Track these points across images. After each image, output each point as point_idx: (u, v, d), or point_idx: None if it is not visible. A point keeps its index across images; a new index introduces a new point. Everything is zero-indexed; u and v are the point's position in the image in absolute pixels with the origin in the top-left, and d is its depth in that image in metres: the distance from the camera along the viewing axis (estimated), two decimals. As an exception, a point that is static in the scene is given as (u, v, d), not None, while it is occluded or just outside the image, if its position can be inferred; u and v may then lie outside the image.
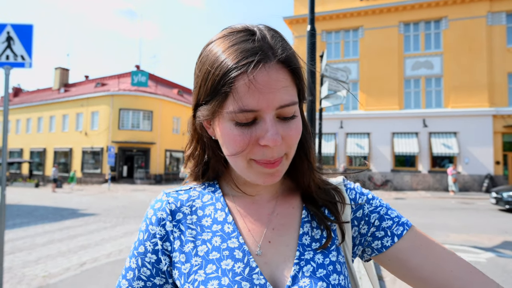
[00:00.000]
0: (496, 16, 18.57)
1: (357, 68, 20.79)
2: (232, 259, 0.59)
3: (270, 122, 0.54)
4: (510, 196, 11.10)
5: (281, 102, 0.54)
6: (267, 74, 0.53)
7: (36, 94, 37.12)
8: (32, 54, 3.43)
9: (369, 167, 19.20)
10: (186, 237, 0.62)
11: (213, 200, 0.67)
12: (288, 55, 0.56)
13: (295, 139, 0.58)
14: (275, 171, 0.58)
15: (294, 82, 0.57)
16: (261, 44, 0.54)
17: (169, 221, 0.63)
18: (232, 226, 0.63)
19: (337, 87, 6.90)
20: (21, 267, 5.20)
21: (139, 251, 0.63)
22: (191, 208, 0.65)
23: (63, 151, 29.12)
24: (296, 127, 0.58)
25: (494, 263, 5.40)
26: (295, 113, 0.57)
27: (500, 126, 17.92)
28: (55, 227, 8.46)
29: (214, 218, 0.64)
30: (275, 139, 0.53)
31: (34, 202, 14.42)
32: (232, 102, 0.53)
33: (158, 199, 0.67)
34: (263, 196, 0.67)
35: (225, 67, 0.54)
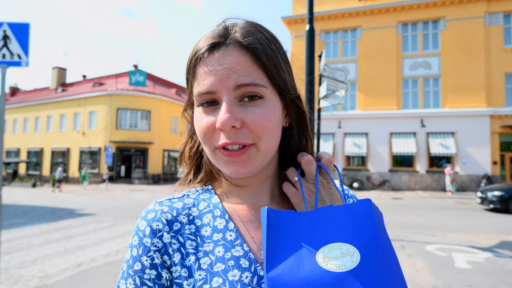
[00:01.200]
0: (493, 16, 18.64)
1: (355, 68, 20.81)
2: (238, 269, 0.55)
3: (225, 104, 0.53)
4: (494, 196, 11.20)
5: (237, 82, 0.53)
6: (223, 55, 0.54)
7: (34, 93, 36.95)
8: (28, 53, 3.41)
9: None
10: (187, 249, 0.57)
11: (210, 207, 0.62)
12: (246, 36, 0.55)
13: (261, 127, 0.54)
14: (239, 160, 0.55)
15: (258, 66, 0.55)
16: (221, 31, 0.57)
17: (167, 232, 0.58)
18: (235, 233, 0.59)
19: (336, 87, 6.90)
20: (18, 267, 5.16)
21: (136, 269, 0.56)
22: (188, 217, 0.60)
23: (61, 151, 29.01)
24: (263, 113, 0.54)
25: (492, 263, 5.41)
26: (262, 98, 0.55)
27: (497, 126, 17.98)
28: (52, 227, 8.41)
29: (213, 227, 0.60)
30: (224, 120, 0.52)
31: (31, 202, 14.35)
32: (195, 86, 0.57)
33: (150, 209, 0.60)
34: (262, 200, 0.64)
35: (191, 56, 0.58)
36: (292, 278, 0.46)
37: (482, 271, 5.00)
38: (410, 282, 4.55)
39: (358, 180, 19.44)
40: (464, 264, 5.37)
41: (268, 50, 0.56)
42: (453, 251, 6.14)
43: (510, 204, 10.88)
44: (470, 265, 5.28)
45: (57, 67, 34.28)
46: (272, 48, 0.57)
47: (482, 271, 5.02)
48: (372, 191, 18.93)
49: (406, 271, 4.99)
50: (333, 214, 0.52)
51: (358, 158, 20.49)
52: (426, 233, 7.67)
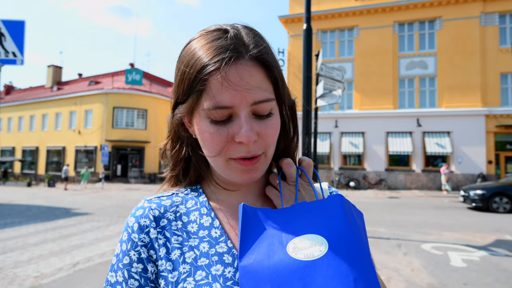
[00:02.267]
0: (489, 16, 18.76)
1: (352, 67, 20.86)
2: (221, 264, 0.58)
3: (244, 119, 0.55)
4: (476, 195, 11.38)
5: (255, 98, 0.55)
6: (240, 70, 0.54)
7: (29, 92, 36.68)
8: (24, 50, 3.39)
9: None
10: (172, 244, 0.60)
11: (197, 205, 0.65)
12: (260, 51, 0.57)
13: (272, 137, 0.58)
14: (253, 168, 0.58)
15: (269, 79, 0.58)
16: (234, 41, 0.56)
17: (153, 228, 0.60)
18: (220, 230, 0.61)
19: (333, 86, 6.91)
20: (13, 267, 5.12)
21: (124, 263, 0.59)
22: (176, 214, 0.63)
23: (56, 149, 28.83)
24: (273, 124, 0.58)
25: (487, 261, 5.45)
26: (272, 111, 0.58)
27: (492, 125, 18.12)
28: (48, 227, 8.35)
29: (200, 224, 0.62)
30: (249, 136, 0.54)
31: (26, 201, 14.25)
32: (206, 99, 0.55)
33: (139, 207, 0.64)
34: (248, 199, 0.66)
35: (199, 65, 0.55)
36: (263, 267, 0.48)
37: (477, 270, 5.03)
38: (406, 280, 4.58)
39: (355, 179, 19.51)
40: (460, 262, 5.40)
41: (275, 62, 0.59)
42: (449, 249, 6.18)
43: (491, 203, 11.09)
44: (466, 264, 5.32)
45: (52, 65, 34.04)
46: (275, 58, 0.60)
47: (477, 269, 5.05)
48: (368, 190, 19.00)
49: (402, 270, 5.01)
50: (306, 209, 0.55)
51: (354, 157, 20.56)
52: (422, 232, 7.72)
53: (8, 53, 3.15)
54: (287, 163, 0.63)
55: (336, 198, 0.55)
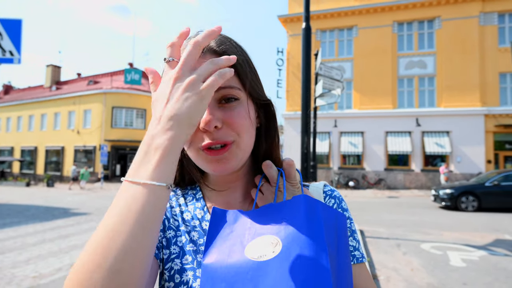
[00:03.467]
0: (488, 16, 18.77)
1: (351, 67, 20.85)
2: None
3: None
4: (445, 194, 11.60)
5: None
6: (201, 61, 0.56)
7: (27, 91, 36.58)
8: (21, 49, 3.36)
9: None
10: (169, 224, 0.66)
11: (194, 200, 0.71)
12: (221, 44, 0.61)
13: (239, 125, 0.59)
14: (221, 157, 0.59)
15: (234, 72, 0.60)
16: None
17: None
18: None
19: (332, 86, 6.90)
20: (11, 267, 5.10)
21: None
22: (176, 202, 0.70)
23: (55, 149, 28.77)
24: (239, 112, 0.60)
25: (487, 261, 5.45)
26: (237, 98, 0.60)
27: (491, 125, 18.13)
28: (47, 227, 8.33)
29: (194, 214, 0.68)
30: (208, 121, 0.56)
31: (25, 201, 14.21)
32: None
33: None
34: (237, 197, 0.70)
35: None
36: (221, 266, 0.50)
37: (476, 269, 5.03)
38: (405, 280, 4.57)
39: (354, 179, 19.51)
40: (459, 262, 5.40)
41: (241, 57, 0.62)
42: (448, 249, 6.18)
43: (459, 202, 11.30)
44: (465, 263, 5.32)
45: (51, 65, 33.95)
46: (242, 55, 0.63)
47: (476, 269, 5.05)
48: (367, 189, 19.00)
49: (401, 270, 5.01)
50: (271, 211, 0.56)
51: (353, 157, 20.55)
52: (421, 232, 7.71)
53: (5, 52, 3.13)
54: (266, 165, 0.65)
55: (299, 199, 0.55)
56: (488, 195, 11.19)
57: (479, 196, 11.19)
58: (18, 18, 3.31)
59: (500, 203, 11.11)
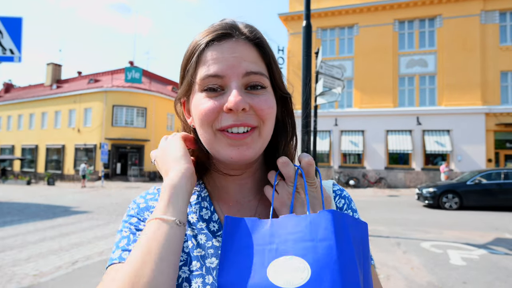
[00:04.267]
0: (489, 14, 18.71)
1: (352, 65, 20.82)
2: (217, 258, 0.58)
3: (235, 88, 0.56)
4: (428, 192, 11.73)
5: (247, 68, 0.56)
6: (234, 44, 0.57)
7: (28, 90, 36.60)
8: (21, 48, 3.35)
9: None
10: None
11: (199, 199, 0.67)
12: (253, 33, 0.60)
13: (265, 112, 0.58)
14: (242, 143, 0.56)
15: (262, 60, 0.60)
16: (230, 25, 0.60)
17: None
18: (218, 225, 0.63)
19: (332, 84, 6.89)
20: (12, 265, 5.11)
21: (131, 222, 0.62)
22: None
23: (56, 148, 28.79)
24: (266, 99, 0.58)
25: (487, 260, 5.45)
26: (265, 86, 0.59)
27: (492, 124, 18.10)
28: (47, 225, 8.34)
29: (199, 216, 0.64)
30: (237, 102, 0.54)
31: (26, 199, 14.24)
32: (200, 71, 0.58)
33: (149, 192, 0.68)
34: (247, 195, 0.67)
35: (195, 42, 0.60)
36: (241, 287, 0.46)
37: (477, 268, 5.03)
38: (405, 279, 4.57)
39: (354, 178, 19.50)
40: (459, 261, 5.40)
41: (269, 47, 0.62)
42: (448, 248, 6.18)
43: (441, 200, 11.44)
44: (465, 262, 5.32)
45: (52, 63, 33.96)
46: (271, 48, 0.63)
47: (477, 267, 5.05)
48: (368, 188, 19.00)
49: (401, 268, 5.01)
50: (293, 225, 0.50)
51: (354, 155, 20.54)
52: (422, 230, 7.71)
53: (5, 50, 3.13)
54: (283, 162, 0.59)
55: (327, 215, 0.49)
56: (469, 193, 11.35)
57: (460, 194, 11.34)
58: (18, 16, 3.32)
59: (481, 201, 11.27)
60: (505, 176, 11.55)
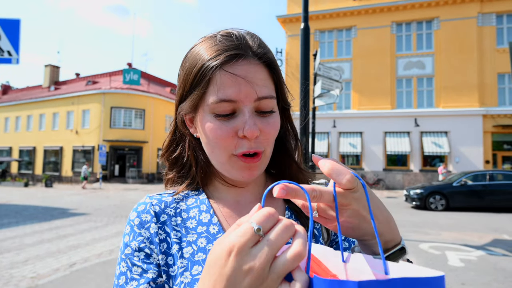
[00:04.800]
0: (486, 17, 18.82)
1: (350, 67, 20.88)
2: None
3: (248, 114, 0.56)
4: (416, 194, 11.86)
5: (260, 94, 0.57)
6: (246, 66, 0.57)
7: (26, 91, 36.50)
8: (19, 49, 3.34)
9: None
10: (172, 239, 0.62)
11: (197, 203, 0.66)
12: (265, 52, 0.60)
13: (272, 135, 0.60)
14: (254, 165, 0.59)
15: (272, 79, 0.60)
16: (240, 42, 0.58)
17: (154, 223, 0.63)
18: (218, 227, 0.63)
19: (330, 86, 6.91)
20: (9, 268, 5.09)
21: (126, 253, 0.61)
22: (176, 210, 0.65)
23: (54, 149, 28.70)
24: (274, 122, 0.60)
25: (485, 261, 5.46)
26: (273, 109, 0.60)
27: (489, 125, 18.18)
28: (45, 227, 8.31)
29: (199, 220, 0.64)
30: (252, 130, 0.55)
31: (23, 201, 14.17)
32: (211, 93, 0.57)
33: (141, 202, 0.66)
34: (247, 198, 0.67)
35: (205, 60, 0.57)
36: None
37: (475, 269, 5.04)
38: (404, 280, 4.57)
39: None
40: (457, 262, 5.41)
41: (277, 65, 0.62)
42: (447, 249, 6.19)
43: (428, 201, 11.55)
44: (463, 263, 5.33)
45: (49, 65, 33.89)
46: (277, 63, 0.63)
47: (475, 269, 5.06)
48: (366, 190, 19.00)
49: (400, 270, 5.01)
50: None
51: (352, 157, 20.57)
52: (420, 232, 7.72)
53: (3, 52, 3.12)
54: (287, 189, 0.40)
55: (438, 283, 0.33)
56: (455, 194, 11.49)
57: (446, 196, 11.47)
58: (16, 18, 3.32)
59: (467, 203, 11.39)
60: (491, 177, 11.72)
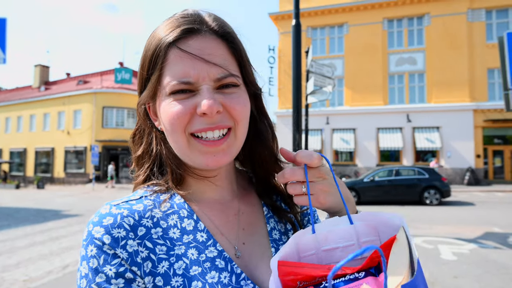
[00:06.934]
0: (476, 12, 19.02)
1: (342, 64, 20.96)
2: (216, 270, 0.53)
3: (207, 91, 0.52)
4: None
5: (217, 75, 0.53)
6: (200, 42, 0.53)
7: (15, 92, 35.92)
8: (5, 49, 3.28)
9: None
10: (158, 255, 0.52)
11: (174, 208, 0.57)
12: (222, 26, 0.56)
13: (239, 111, 0.55)
14: (218, 150, 0.54)
15: (233, 55, 0.56)
16: (194, 18, 0.55)
17: (132, 239, 0.51)
18: (206, 234, 0.56)
19: (323, 83, 6.92)
20: (1, 271, 5.01)
21: (99, 282, 0.47)
22: (153, 220, 0.54)
23: (45, 150, 28.34)
24: (238, 97, 0.55)
25: (477, 254, 5.54)
26: (237, 85, 0.56)
27: (480, 120, 18.41)
28: (37, 229, 8.21)
29: (182, 228, 0.55)
30: (211, 105, 0.50)
31: (15, 204, 13.98)
32: (167, 75, 0.53)
33: (105, 214, 0.52)
34: (225, 196, 0.63)
35: (156, 41, 0.54)
36: None
37: (467, 262, 5.10)
38: (398, 275, 4.61)
39: (346, 175, 19.63)
40: (450, 255, 5.47)
41: (239, 42, 0.58)
42: (439, 243, 6.26)
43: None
44: (456, 257, 5.39)
45: (39, 65, 33.39)
46: (239, 40, 0.58)
47: (467, 262, 5.13)
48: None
49: (394, 264, 5.05)
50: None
51: (346, 153, 20.69)
52: (413, 226, 7.80)
53: (-11, 51, 3.07)
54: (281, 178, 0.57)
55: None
56: (365, 189, 12.09)
57: (358, 191, 12.00)
58: (2, 17, 3.25)
59: (375, 197, 12.00)
60: (396, 173, 12.38)
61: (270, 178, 0.67)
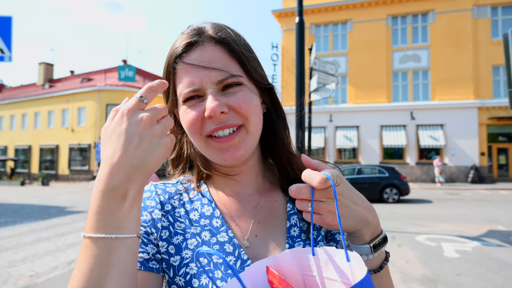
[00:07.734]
0: (481, 9, 18.83)
1: (346, 61, 20.86)
2: (223, 253, 0.60)
3: (210, 94, 0.58)
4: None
5: (217, 78, 0.58)
6: (200, 52, 0.59)
7: (20, 90, 36.14)
8: (11, 47, 3.31)
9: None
10: (175, 229, 0.63)
11: (199, 196, 0.68)
12: (220, 33, 0.61)
13: (244, 108, 0.59)
14: (232, 145, 0.59)
15: (234, 58, 0.61)
16: (194, 31, 0.62)
17: (158, 209, 0.64)
18: (221, 220, 0.64)
19: (326, 80, 6.90)
20: (7, 266, 5.08)
21: None
22: (179, 201, 0.66)
23: (49, 148, 28.53)
24: (242, 95, 0.60)
25: (480, 252, 5.53)
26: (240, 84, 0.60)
27: (485, 118, 18.28)
28: (42, 226, 8.29)
29: (201, 213, 0.65)
30: (214, 108, 0.56)
31: (20, 200, 14.12)
32: (179, 85, 0.61)
33: (146, 189, 0.67)
34: (247, 189, 0.69)
35: (168, 56, 0.63)
36: None
37: (470, 260, 5.10)
38: (400, 272, 4.62)
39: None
40: (453, 253, 5.47)
41: (239, 43, 0.62)
42: (442, 241, 6.25)
43: None
44: (459, 254, 5.39)
45: (43, 63, 33.55)
46: (241, 41, 0.63)
47: (470, 259, 5.12)
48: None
49: (396, 261, 5.06)
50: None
51: (349, 151, 20.64)
52: (416, 224, 7.79)
53: (-5, 49, 3.11)
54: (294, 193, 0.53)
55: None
56: None
57: None
58: (8, 15, 3.28)
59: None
60: (359, 171, 12.54)
61: (290, 170, 0.69)
